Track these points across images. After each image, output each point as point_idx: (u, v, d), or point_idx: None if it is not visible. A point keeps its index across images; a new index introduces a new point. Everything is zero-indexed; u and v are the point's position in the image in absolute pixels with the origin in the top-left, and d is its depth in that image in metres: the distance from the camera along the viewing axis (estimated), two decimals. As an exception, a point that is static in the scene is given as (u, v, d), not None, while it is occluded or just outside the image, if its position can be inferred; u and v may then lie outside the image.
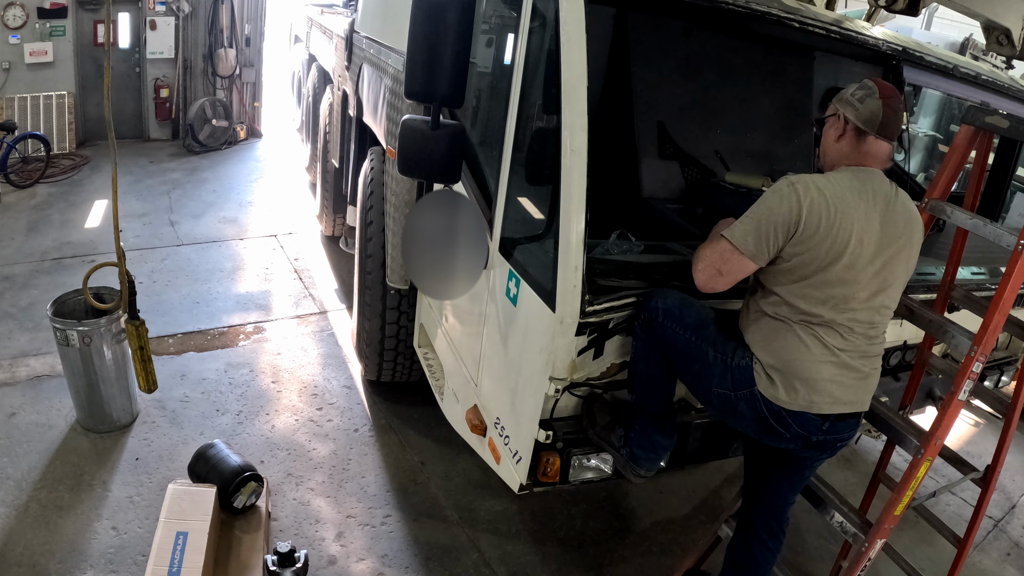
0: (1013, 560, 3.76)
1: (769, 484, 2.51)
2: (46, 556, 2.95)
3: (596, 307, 2.21)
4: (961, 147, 2.56)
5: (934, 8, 7.99)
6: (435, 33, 2.23)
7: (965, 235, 2.64)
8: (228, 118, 9.27)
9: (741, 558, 2.60)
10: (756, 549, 2.56)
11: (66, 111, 8.26)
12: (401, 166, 2.44)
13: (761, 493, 2.54)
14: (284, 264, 6.06)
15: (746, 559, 2.58)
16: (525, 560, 3.27)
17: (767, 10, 2.70)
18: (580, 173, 2.13)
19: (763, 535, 2.54)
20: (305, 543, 3.16)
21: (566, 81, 2.16)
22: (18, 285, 5.19)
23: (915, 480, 2.35)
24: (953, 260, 2.74)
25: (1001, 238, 2.32)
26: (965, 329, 2.43)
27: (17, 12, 7.76)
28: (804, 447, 2.24)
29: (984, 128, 2.46)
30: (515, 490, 2.50)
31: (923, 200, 2.59)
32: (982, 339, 2.28)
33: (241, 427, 3.91)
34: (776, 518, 2.54)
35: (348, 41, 4.81)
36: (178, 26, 8.84)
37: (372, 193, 3.95)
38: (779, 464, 2.43)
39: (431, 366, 3.53)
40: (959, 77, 3.24)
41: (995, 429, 4.96)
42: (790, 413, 2.14)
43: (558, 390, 2.30)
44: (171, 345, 4.61)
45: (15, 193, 7.02)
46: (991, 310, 2.27)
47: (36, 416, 3.78)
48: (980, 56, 6.06)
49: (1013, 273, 2.24)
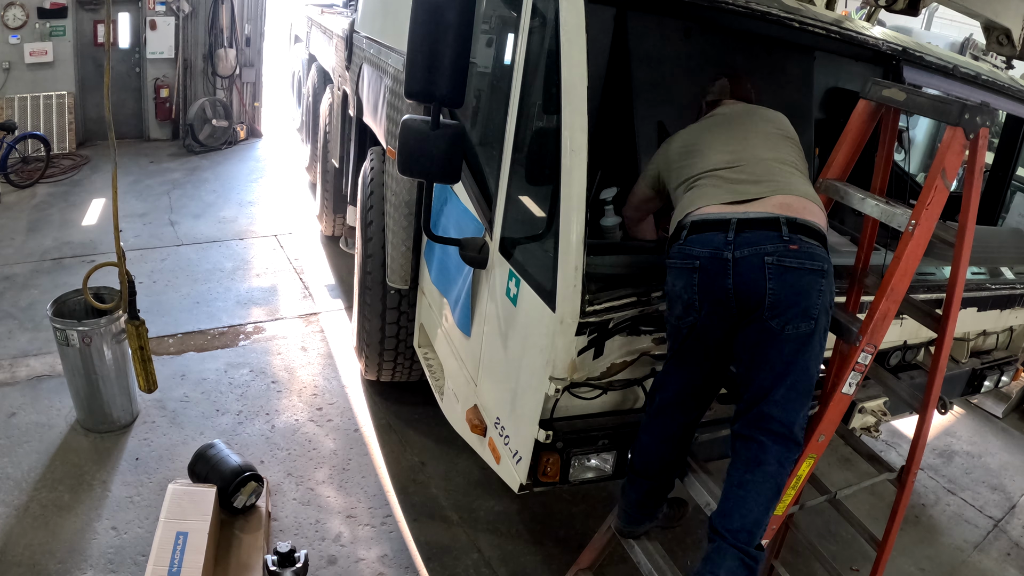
0: (1013, 560, 3.76)
1: (748, 376, 2.20)
2: (46, 556, 2.95)
3: (596, 307, 2.21)
4: (859, 123, 2.41)
5: (934, 8, 7.98)
6: (435, 33, 2.23)
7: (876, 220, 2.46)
8: (228, 118, 9.26)
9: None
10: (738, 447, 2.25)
11: (66, 111, 8.26)
12: (401, 166, 2.43)
13: (743, 395, 2.23)
14: (284, 264, 6.06)
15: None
16: (525, 560, 3.27)
17: (767, 10, 2.70)
18: (580, 173, 2.13)
19: (742, 452, 2.22)
20: (305, 543, 3.16)
21: (566, 81, 2.16)
22: (18, 285, 5.19)
23: (796, 478, 2.21)
24: (864, 246, 2.59)
25: (893, 218, 2.20)
26: (854, 317, 2.32)
27: (17, 12, 7.76)
28: (733, 283, 2.07)
29: (882, 102, 2.33)
30: (515, 490, 2.51)
31: (818, 180, 2.48)
32: (868, 328, 2.14)
33: (241, 427, 3.91)
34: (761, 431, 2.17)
35: (348, 41, 4.81)
36: (178, 26, 8.84)
37: (372, 193, 3.95)
38: (749, 349, 2.16)
39: (431, 366, 3.53)
40: (959, 77, 3.24)
41: (996, 429, 4.97)
42: (690, 242, 2.17)
43: (558, 390, 2.30)
44: (171, 345, 4.61)
45: (15, 193, 7.02)
46: (878, 296, 2.13)
47: (36, 416, 3.78)
48: (980, 56, 6.06)
49: (903, 256, 2.10)
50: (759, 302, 2.07)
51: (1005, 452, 4.72)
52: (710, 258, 2.12)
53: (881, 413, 2.89)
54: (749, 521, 2.13)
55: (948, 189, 2.10)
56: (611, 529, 2.75)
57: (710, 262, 2.12)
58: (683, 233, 2.21)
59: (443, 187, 3.07)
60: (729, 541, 2.12)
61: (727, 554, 2.12)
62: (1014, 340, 3.67)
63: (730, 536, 2.12)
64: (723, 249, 2.11)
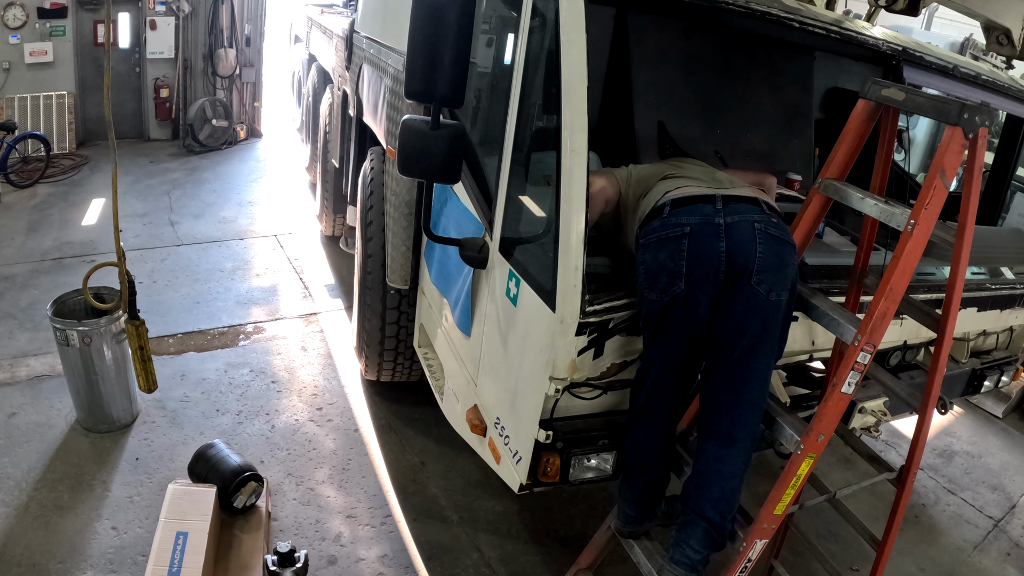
0: (1013, 560, 3.76)
1: (728, 350, 2.23)
2: (46, 556, 2.95)
3: (596, 307, 2.22)
4: (858, 123, 2.39)
5: (934, 8, 7.98)
6: (435, 33, 2.23)
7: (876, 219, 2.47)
8: (228, 118, 9.27)
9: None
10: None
11: (66, 111, 8.26)
12: (401, 166, 2.43)
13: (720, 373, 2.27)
14: (284, 264, 6.06)
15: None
16: (525, 560, 3.28)
17: (767, 10, 2.70)
18: (580, 173, 2.13)
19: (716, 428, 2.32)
20: (305, 543, 3.16)
21: (566, 81, 2.16)
22: (18, 285, 5.19)
23: (795, 478, 2.22)
24: (864, 245, 2.59)
25: (892, 218, 2.20)
26: (854, 316, 2.32)
27: (17, 12, 7.77)
28: (725, 246, 2.13)
29: (881, 102, 2.32)
30: (515, 490, 2.51)
31: (817, 180, 2.47)
32: (867, 327, 2.13)
33: (241, 427, 3.91)
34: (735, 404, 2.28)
35: (348, 41, 4.81)
36: (178, 26, 8.85)
37: (372, 193, 3.95)
38: (731, 314, 2.19)
39: (431, 366, 3.53)
40: (959, 77, 3.24)
41: (996, 429, 4.97)
42: (675, 213, 2.22)
43: (558, 390, 2.30)
44: (171, 345, 4.61)
45: (15, 193, 7.03)
46: (877, 296, 2.13)
47: (36, 416, 3.78)
48: (980, 56, 6.06)
49: (902, 256, 2.10)
50: (747, 266, 2.15)
51: (1005, 452, 4.72)
52: (701, 224, 2.18)
53: (881, 413, 2.88)
54: (727, 490, 2.29)
55: (947, 189, 2.10)
56: (611, 529, 2.75)
57: (701, 227, 2.18)
58: (665, 209, 2.26)
59: (443, 187, 3.07)
60: (703, 514, 2.28)
61: (697, 526, 2.29)
62: (1014, 340, 3.67)
63: (709, 506, 2.27)
64: (714, 216, 2.19)
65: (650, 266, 2.21)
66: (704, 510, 2.28)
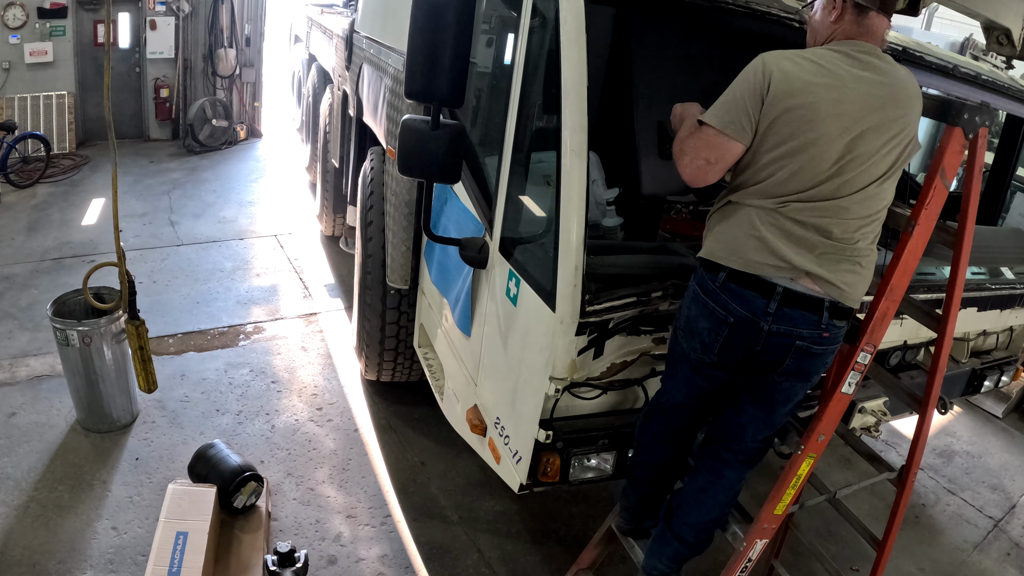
0: (1013, 560, 3.76)
1: (734, 408, 2.29)
2: (46, 556, 2.95)
3: (596, 307, 2.21)
4: None
5: (934, 8, 7.98)
6: (435, 33, 2.23)
7: None
8: (228, 118, 9.27)
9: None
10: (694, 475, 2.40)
11: (66, 111, 8.26)
12: (401, 166, 2.44)
13: (721, 422, 2.34)
14: (284, 264, 6.06)
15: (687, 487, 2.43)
16: (525, 560, 3.27)
17: (767, 10, 2.70)
18: (580, 173, 2.13)
19: (707, 463, 2.37)
20: (305, 543, 3.16)
21: (566, 81, 2.16)
22: (18, 285, 5.19)
23: (795, 478, 2.24)
24: None
25: (892, 218, 2.15)
26: (854, 317, 2.26)
27: (17, 12, 7.76)
28: (760, 348, 2.07)
29: None
30: (515, 490, 2.51)
31: None
32: (867, 327, 2.14)
33: (241, 427, 3.91)
34: (727, 449, 2.32)
35: (348, 41, 4.81)
36: (178, 26, 8.85)
37: (372, 193, 3.95)
38: (747, 387, 2.23)
39: (431, 366, 3.53)
40: (959, 77, 3.24)
41: (996, 429, 4.97)
42: (728, 289, 2.03)
43: (558, 390, 2.30)
44: (171, 345, 4.61)
45: (15, 193, 7.03)
46: (877, 296, 2.14)
47: (36, 416, 3.78)
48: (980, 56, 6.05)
49: (903, 256, 2.10)
50: (776, 366, 2.12)
51: (1005, 452, 4.72)
52: (745, 322, 2.05)
53: (881, 413, 2.88)
54: (707, 519, 2.38)
55: (947, 189, 2.10)
56: (611, 529, 2.76)
57: (744, 325, 2.06)
58: (721, 276, 2.06)
59: (443, 187, 3.07)
60: (679, 535, 2.38)
61: (671, 544, 2.40)
62: (1014, 340, 3.68)
63: (687, 528, 2.37)
64: (761, 319, 2.04)
65: (690, 321, 2.17)
66: (681, 532, 2.39)
